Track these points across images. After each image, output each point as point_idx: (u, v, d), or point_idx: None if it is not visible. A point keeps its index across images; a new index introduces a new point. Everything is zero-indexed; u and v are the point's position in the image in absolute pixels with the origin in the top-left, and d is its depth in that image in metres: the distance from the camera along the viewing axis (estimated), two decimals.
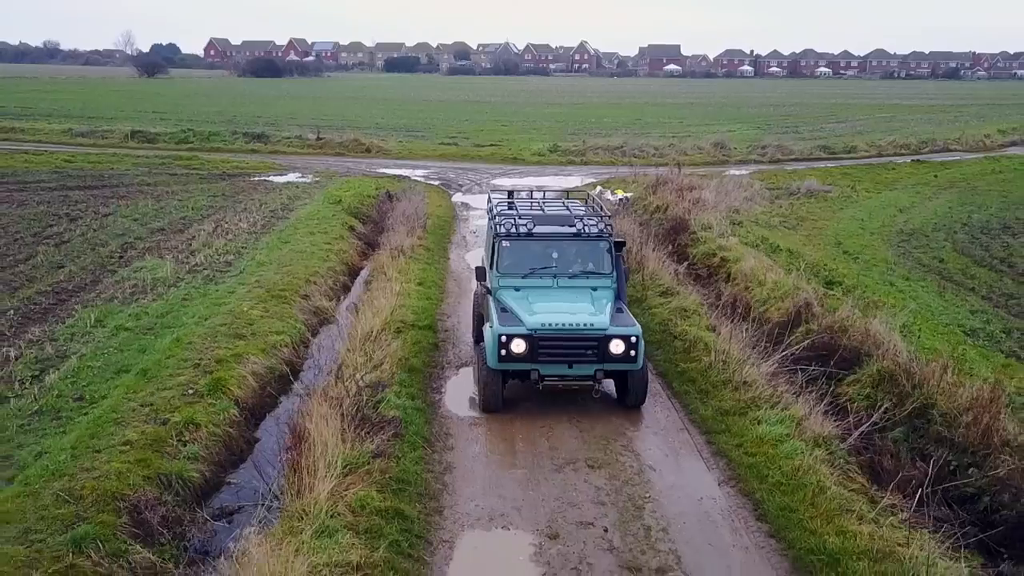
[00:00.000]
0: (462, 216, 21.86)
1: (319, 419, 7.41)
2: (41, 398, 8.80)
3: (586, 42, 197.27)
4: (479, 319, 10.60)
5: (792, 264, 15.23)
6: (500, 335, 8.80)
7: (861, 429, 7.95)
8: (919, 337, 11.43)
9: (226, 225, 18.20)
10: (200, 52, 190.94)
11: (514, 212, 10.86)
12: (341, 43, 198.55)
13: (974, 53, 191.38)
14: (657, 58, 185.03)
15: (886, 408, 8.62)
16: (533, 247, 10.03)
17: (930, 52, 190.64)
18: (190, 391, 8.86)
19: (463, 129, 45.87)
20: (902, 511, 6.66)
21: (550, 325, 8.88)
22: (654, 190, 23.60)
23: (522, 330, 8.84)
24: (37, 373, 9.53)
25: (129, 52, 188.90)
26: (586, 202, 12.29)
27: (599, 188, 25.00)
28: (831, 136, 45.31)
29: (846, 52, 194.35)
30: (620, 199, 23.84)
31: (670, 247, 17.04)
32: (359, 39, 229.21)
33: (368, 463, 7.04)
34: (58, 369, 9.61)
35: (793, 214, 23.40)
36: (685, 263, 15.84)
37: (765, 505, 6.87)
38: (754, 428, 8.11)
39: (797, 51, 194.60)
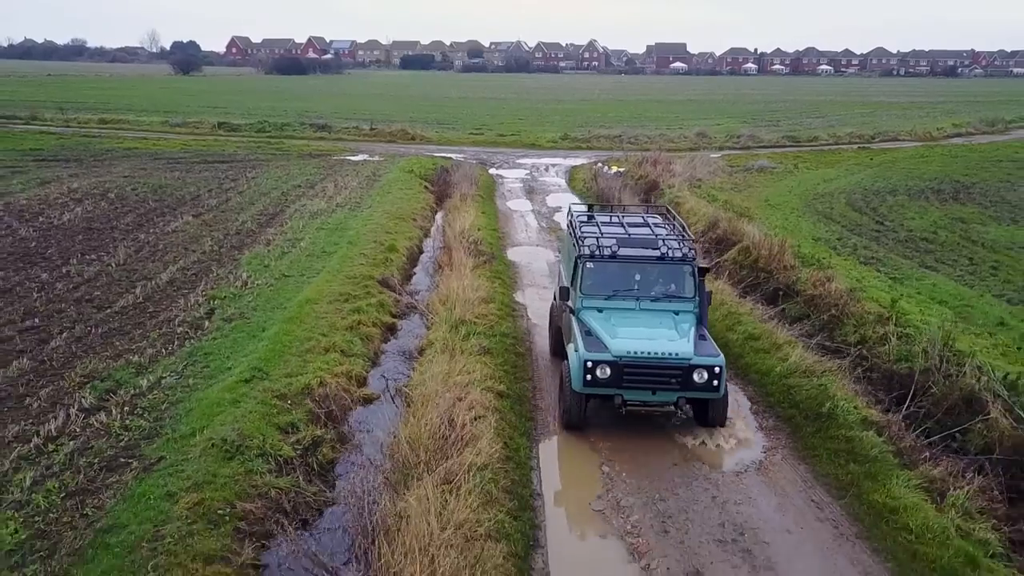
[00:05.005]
0: (499, 182, 30.20)
1: (454, 251, 15.73)
2: (303, 254, 17.15)
3: (595, 40, 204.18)
4: (557, 333, 11.09)
5: (722, 206, 23.46)
6: (586, 361, 8.95)
7: (716, 261, 16.23)
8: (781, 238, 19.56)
9: (341, 183, 26.59)
10: (219, 49, 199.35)
11: (596, 231, 10.97)
12: (358, 41, 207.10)
13: (973, 51, 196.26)
14: (664, 56, 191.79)
15: (736, 259, 16.89)
16: (616, 269, 10.11)
17: (929, 50, 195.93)
18: (380, 249, 17.20)
19: (486, 122, 54.00)
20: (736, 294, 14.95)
21: (635, 353, 9.00)
22: (639, 166, 31.78)
23: (607, 356, 8.98)
24: (291, 246, 17.87)
25: (153, 50, 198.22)
26: (665, 217, 12.44)
27: (599, 164, 33.32)
28: (805, 129, 52.93)
29: (847, 50, 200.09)
30: (615, 172, 32.04)
31: (642, 196, 25.29)
32: (375, 37, 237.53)
33: (482, 265, 15.43)
34: (300, 244, 17.96)
35: (743, 183, 31.50)
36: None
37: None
38: None
39: (800, 49, 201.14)
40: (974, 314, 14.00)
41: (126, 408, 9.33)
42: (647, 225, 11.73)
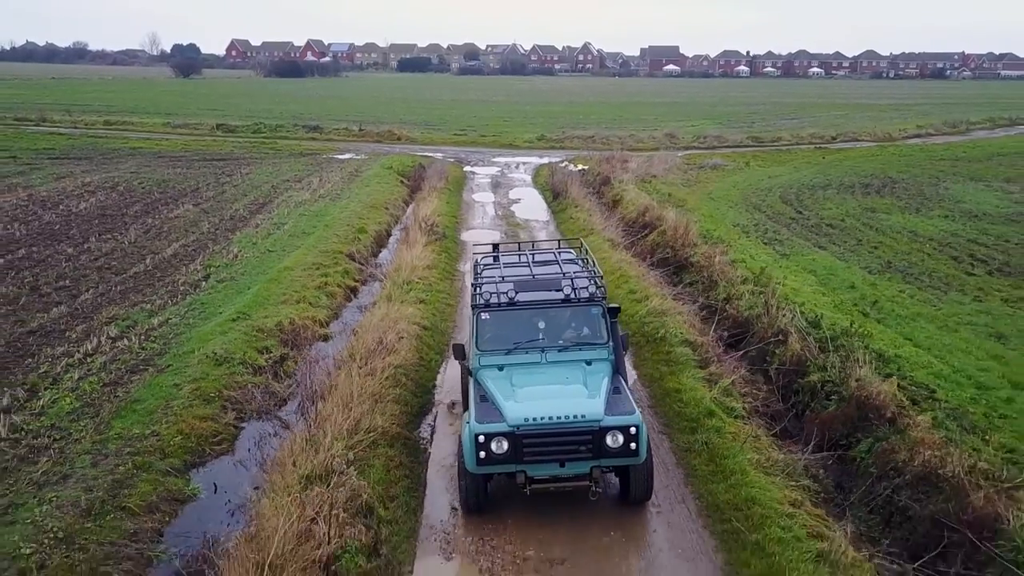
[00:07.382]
0: (470, 178, 33.37)
1: (411, 230, 18.83)
2: (286, 234, 20.24)
3: (590, 43, 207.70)
4: (466, 393, 9.53)
5: (660, 197, 26.56)
6: (477, 435, 7.76)
7: (635, 238, 19.36)
8: (706, 224, 22.63)
9: (326, 178, 29.71)
10: (219, 52, 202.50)
11: (498, 273, 9.94)
12: (356, 44, 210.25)
13: (963, 53, 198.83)
14: (657, 59, 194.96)
15: (655, 240, 20.02)
16: (515, 318, 9.00)
17: (920, 53, 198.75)
18: (352, 231, 20.29)
19: (471, 123, 57.05)
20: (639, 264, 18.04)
21: (535, 419, 7.82)
22: (599, 164, 34.88)
23: (503, 427, 7.80)
24: (276, 229, 20.95)
25: (154, 52, 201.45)
26: (579, 252, 11.69)
27: (564, 162, 36.43)
28: (774, 130, 55.70)
29: (838, 53, 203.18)
30: (579, 169, 35.13)
31: (594, 190, 28.43)
32: (373, 40, 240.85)
33: (434, 242, 18.52)
34: (284, 227, 21.05)
35: (694, 179, 34.55)
36: (599, 198, 27.20)
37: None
38: (595, 240, 19.51)
39: (792, 51, 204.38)
40: (834, 280, 17.09)
41: (143, 337, 12.42)
42: (557, 262, 10.71)
